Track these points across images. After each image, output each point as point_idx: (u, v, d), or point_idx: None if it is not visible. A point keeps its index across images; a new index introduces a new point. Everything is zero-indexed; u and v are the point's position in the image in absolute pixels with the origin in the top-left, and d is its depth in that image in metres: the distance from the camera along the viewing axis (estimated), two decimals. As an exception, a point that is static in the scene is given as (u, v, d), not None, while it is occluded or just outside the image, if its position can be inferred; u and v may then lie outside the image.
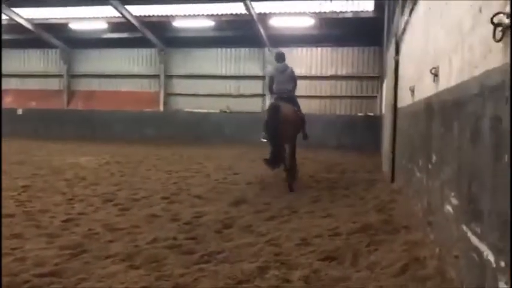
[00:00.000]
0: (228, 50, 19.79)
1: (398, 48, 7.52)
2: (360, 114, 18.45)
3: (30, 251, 3.91)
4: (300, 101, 19.64)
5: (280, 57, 9.27)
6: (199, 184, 7.94)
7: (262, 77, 19.33)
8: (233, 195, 6.90)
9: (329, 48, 18.77)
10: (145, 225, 4.93)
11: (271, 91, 8.95)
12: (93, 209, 5.74)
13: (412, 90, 5.23)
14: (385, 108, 10.71)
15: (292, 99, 8.68)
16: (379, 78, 17.28)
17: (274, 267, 3.41)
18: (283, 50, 18.80)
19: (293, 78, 8.89)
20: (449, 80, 3.07)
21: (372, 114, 18.08)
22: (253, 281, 3.12)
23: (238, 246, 4.06)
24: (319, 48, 18.90)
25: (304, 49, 19.06)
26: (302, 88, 19.01)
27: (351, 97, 18.68)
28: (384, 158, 9.66)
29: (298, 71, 18.94)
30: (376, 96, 17.95)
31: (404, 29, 6.77)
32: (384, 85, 12.22)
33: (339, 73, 18.76)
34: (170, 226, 4.89)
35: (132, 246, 4.04)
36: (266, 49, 18.93)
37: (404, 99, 6.24)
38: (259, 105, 19.52)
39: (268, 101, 10.49)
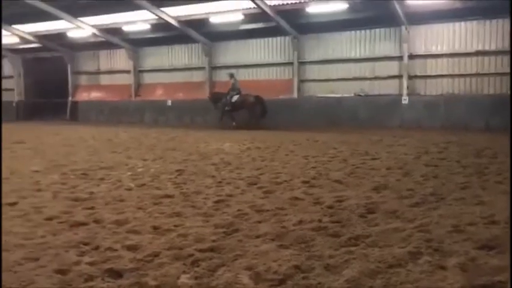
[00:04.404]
0: (362, 31, 19.23)
1: None
2: (512, 92, 16.59)
3: (190, 228, 4.33)
4: (442, 80, 18.41)
5: (233, 74, 19.93)
6: (337, 169, 7.94)
7: (399, 58, 18.46)
8: (373, 180, 6.79)
9: (474, 22, 17.14)
10: (289, 207, 5.12)
11: (233, 89, 19.21)
12: (239, 191, 6.11)
13: None
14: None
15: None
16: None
17: (426, 253, 3.31)
18: (422, 27, 17.95)
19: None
20: None
21: (527, 92, 16.14)
22: (405, 266, 3.07)
23: (384, 231, 4.01)
24: (462, 23, 17.37)
25: (445, 25, 17.68)
26: (444, 66, 17.80)
27: (501, 74, 16.82)
28: (545, 141, 8.60)
29: (440, 48, 17.80)
30: (532, 73, 15.97)
31: None
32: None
33: (487, 48, 17.05)
34: (313, 209, 5.00)
35: (279, 227, 4.23)
36: (403, 27, 17.98)
37: None
38: (396, 87, 18.70)
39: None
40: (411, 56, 18.19)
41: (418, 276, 2.86)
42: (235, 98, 18.96)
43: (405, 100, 18.09)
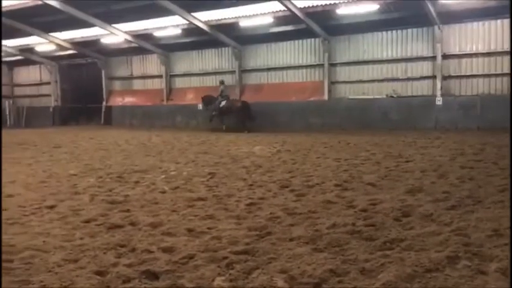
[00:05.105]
0: (394, 32, 18.93)
1: None
2: (554, 92, 15.97)
3: (223, 230, 4.36)
4: (478, 80, 17.70)
5: (223, 81, 21.56)
6: (370, 172, 7.85)
7: (432, 58, 18.09)
8: (407, 183, 6.68)
9: (511, 19, 16.62)
10: (322, 210, 5.09)
11: (221, 96, 20.70)
12: (271, 194, 6.12)
13: None
14: None
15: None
16: None
17: (464, 257, 3.23)
18: (456, 26, 17.54)
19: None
20: None
21: None
22: (443, 270, 3.01)
23: (420, 234, 3.94)
24: (498, 21, 16.86)
25: (481, 23, 17.20)
26: (479, 66, 17.33)
27: (541, 73, 16.25)
28: None
29: (475, 47, 17.35)
30: None
31: None
32: None
33: (525, 46, 16.48)
34: (347, 212, 4.96)
35: (312, 230, 4.22)
36: (436, 27, 17.61)
37: None
38: (429, 88, 18.33)
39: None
40: (445, 56, 17.79)
41: (457, 281, 2.80)
42: (222, 103, 20.50)
43: (439, 101, 17.69)
